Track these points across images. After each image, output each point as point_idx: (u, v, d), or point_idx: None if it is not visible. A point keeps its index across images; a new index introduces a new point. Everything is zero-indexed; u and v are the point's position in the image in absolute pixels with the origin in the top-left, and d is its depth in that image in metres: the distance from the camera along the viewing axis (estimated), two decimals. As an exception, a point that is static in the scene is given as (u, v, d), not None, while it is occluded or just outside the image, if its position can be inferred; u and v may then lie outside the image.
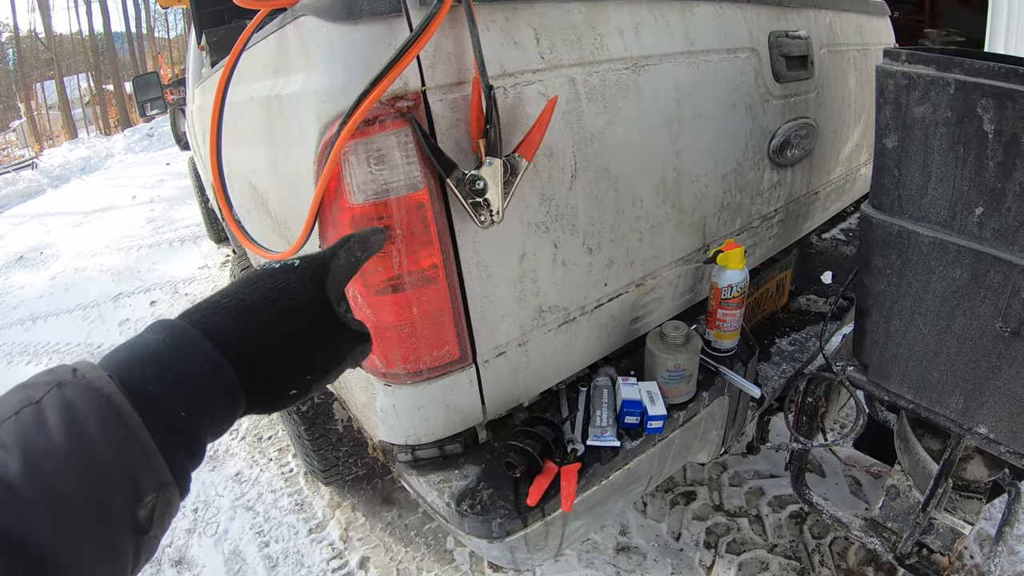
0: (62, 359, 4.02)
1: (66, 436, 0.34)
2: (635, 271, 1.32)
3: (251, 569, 2.22)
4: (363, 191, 0.92)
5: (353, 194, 0.92)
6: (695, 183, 1.36)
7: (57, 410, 0.34)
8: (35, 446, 0.33)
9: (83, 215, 7.85)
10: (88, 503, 0.33)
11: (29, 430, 0.33)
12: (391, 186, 0.92)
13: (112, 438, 0.35)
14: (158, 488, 0.37)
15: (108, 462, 0.34)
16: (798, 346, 1.73)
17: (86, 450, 0.34)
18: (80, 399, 0.35)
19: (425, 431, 1.12)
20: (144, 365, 0.39)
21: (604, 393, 1.27)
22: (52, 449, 0.33)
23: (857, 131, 2.00)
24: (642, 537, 2.08)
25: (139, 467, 0.36)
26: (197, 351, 0.41)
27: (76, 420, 0.34)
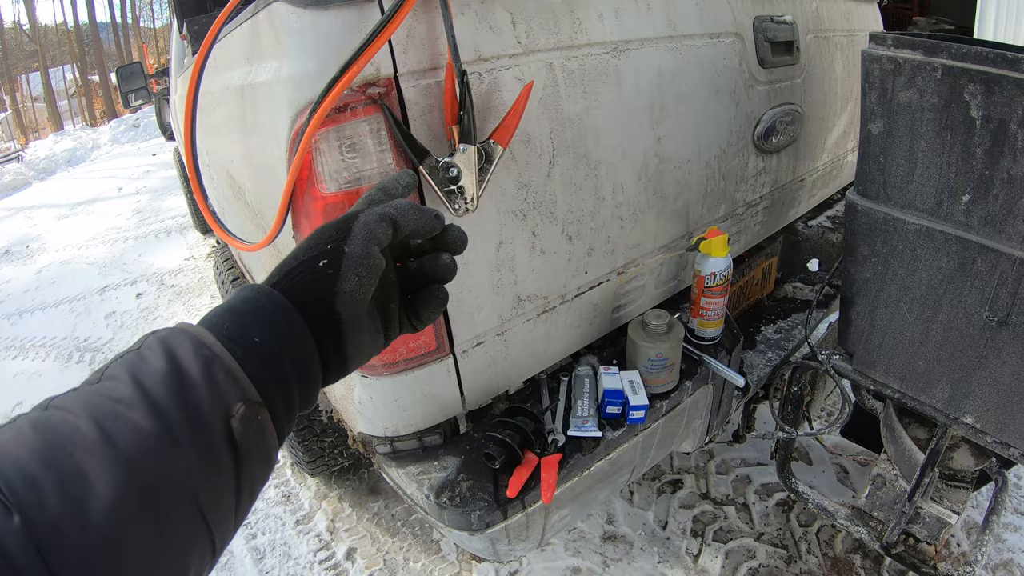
0: (48, 353, 3.99)
1: (164, 360, 0.40)
2: (616, 259, 1.30)
3: (238, 562, 2.21)
4: (335, 180, 0.90)
5: (325, 183, 0.90)
6: (678, 169, 1.35)
7: (156, 346, 0.41)
8: (139, 370, 0.39)
9: (69, 207, 7.77)
10: (184, 406, 0.39)
11: (133, 363, 0.40)
12: (364, 174, 0.90)
13: (200, 357, 0.41)
14: (244, 400, 0.42)
15: (197, 375, 0.40)
16: (784, 334, 1.72)
17: (179, 367, 0.40)
18: (172, 336, 0.42)
19: (403, 422, 1.11)
20: (223, 314, 0.46)
21: (585, 383, 1.26)
22: (153, 371, 0.39)
23: (844, 118, 1.99)
24: (629, 526, 2.08)
25: (224, 380, 0.41)
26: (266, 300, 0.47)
27: (170, 348, 0.41)
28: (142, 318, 4.22)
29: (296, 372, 0.46)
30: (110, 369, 0.40)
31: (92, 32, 26.74)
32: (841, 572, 1.87)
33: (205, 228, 5.31)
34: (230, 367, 0.42)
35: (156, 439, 0.36)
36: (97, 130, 14.11)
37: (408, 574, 2.03)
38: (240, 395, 0.41)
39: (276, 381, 0.45)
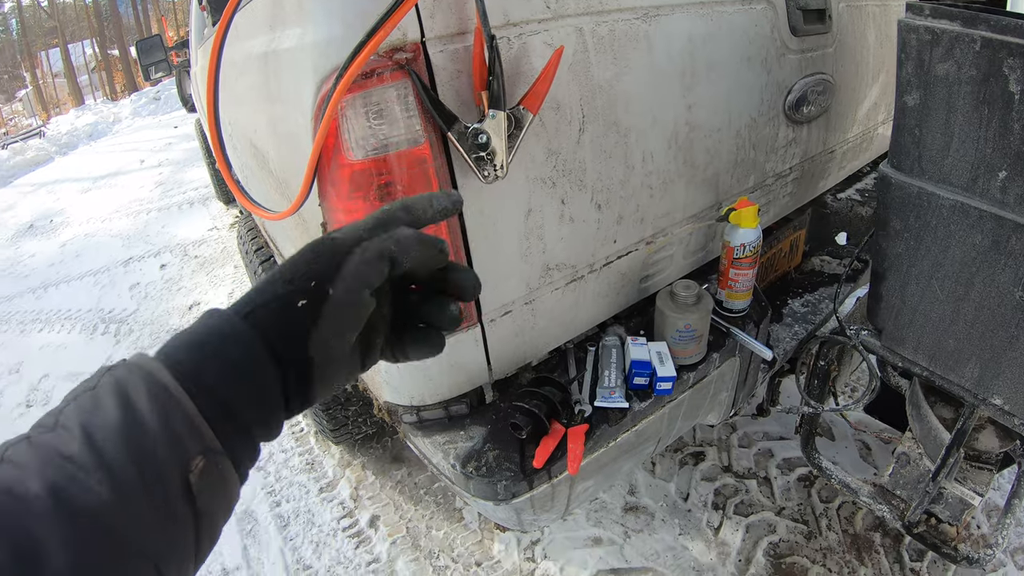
0: (74, 325, 4.07)
1: (118, 409, 0.37)
2: (645, 228, 1.29)
3: (263, 529, 2.25)
4: (362, 147, 0.89)
5: (352, 150, 0.89)
6: (708, 138, 1.32)
7: (109, 389, 0.38)
8: (92, 422, 0.36)
9: (92, 181, 7.84)
10: (139, 465, 0.36)
11: (86, 410, 0.37)
12: (391, 141, 0.89)
13: (157, 403, 0.38)
14: (204, 452, 0.39)
15: (155, 427, 0.37)
16: (811, 308, 1.70)
17: (135, 417, 0.37)
18: (128, 376, 0.39)
19: (430, 392, 1.11)
20: (183, 347, 0.42)
21: (613, 353, 1.25)
22: (106, 422, 0.36)
23: (875, 89, 1.93)
24: (650, 497, 2.09)
25: (183, 430, 0.38)
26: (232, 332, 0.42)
27: (125, 393, 0.38)
28: (166, 289, 4.27)
29: (258, 414, 0.43)
30: (64, 414, 0.37)
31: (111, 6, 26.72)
32: (861, 549, 1.87)
33: (228, 199, 5.33)
34: (189, 414, 0.39)
35: (111, 504, 0.35)
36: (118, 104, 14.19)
37: (430, 542, 2.06)
38: (200, 447, 0.39)
39: (237, 427, 0.42)
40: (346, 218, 0.94)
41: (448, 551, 2.02)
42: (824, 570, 1.82)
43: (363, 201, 0.92)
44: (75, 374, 3.50)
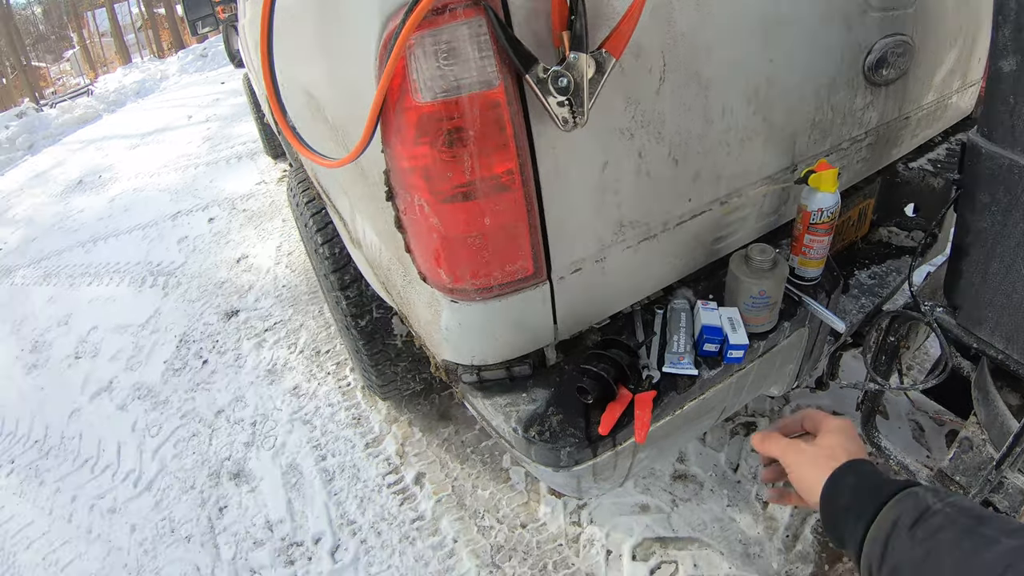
0: (123, 278, 4.15)
1: None
2: (721, 187, 1.21)
3: (307, 482, 2.28)
4: (431, 88, 0.83)
5: (420, 92, 0.83)
6: (787, 95, 1.23)
7: None
8: None
9: (140, 137, 7.93)
10: None
11: None
12: (462, 83, 0.83)
13: None
14: None
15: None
16: (878, 280, 1.61)
17: None
18: None
19: (492, 351, 1.07)
20: None
21: (682, 317, 1.19)
22: None
23: (952, 55, 1.80)
24: (700, 466, 2.05)
25: None
26: None
27: None
28: (214, 242, 4.31)
29: None
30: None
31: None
32: None
33: (276, 153, 5.32)
34: None
35: None
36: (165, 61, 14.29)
37: (476, 501, 2.06)
38: None
39: None
40: (411, 165, 0.90)
41: (493, 511, 2.02)
42: None
43: (430, 147, 0.86)
44: (123, 326, 3.58)
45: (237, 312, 3.42)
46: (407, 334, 1.90)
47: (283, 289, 3.51)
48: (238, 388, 2.84)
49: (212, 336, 3.27)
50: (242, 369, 2.96)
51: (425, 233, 0.95)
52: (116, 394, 3.07)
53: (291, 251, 3.89)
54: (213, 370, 3.01)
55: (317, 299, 3.32)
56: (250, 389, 2.82)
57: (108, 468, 2.65)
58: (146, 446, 2.68)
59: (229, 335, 3.24)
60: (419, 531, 2.01)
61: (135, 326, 3.55)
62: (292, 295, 3.44)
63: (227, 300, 3.55)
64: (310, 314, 3.23)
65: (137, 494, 2.46)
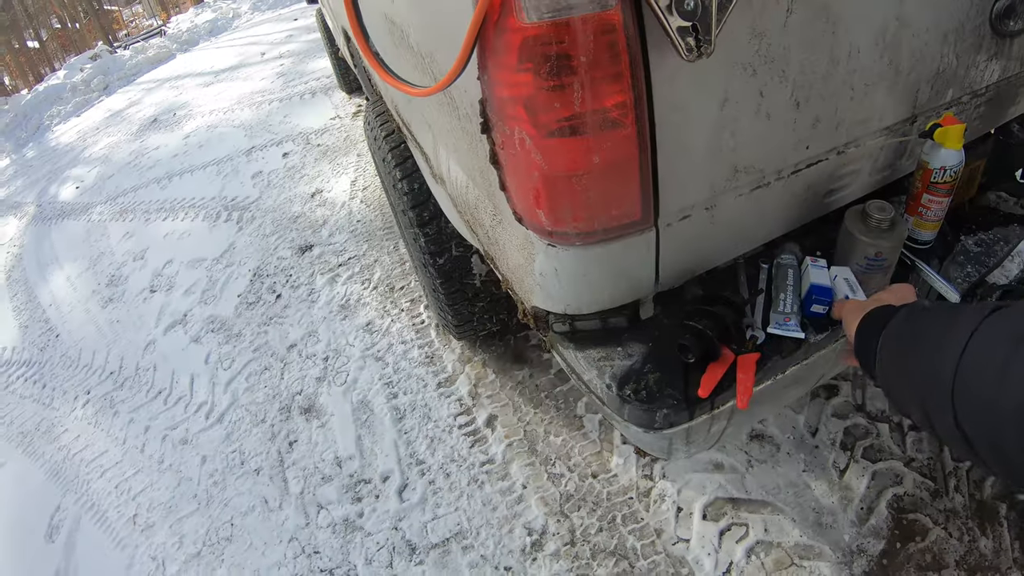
0: (197, 213, 4.25)
1: None
2: (839, 135, 1.10)
3: (378, 420, 2.30)
4: (537, 8, 0.74)
5: (525, 11, 0.75)
6: (916, 39, 1.10)
7: None
8: None
9: (213, 75, 8.01)
10: None
11: None
12: (573, 2, 0.74)
13: None
14: None
15: None
16: (984, 248, 1.46)
17: None
18: None
19: (588, 300, 1.01)
20: None
21: (789, 274, 1.10)
22: None
23: None
24: (778, 427, 1.96)
25: None
26: None
27: None
28: (288, 177, 4.33)
29: None
30: None
31: None
32: (985, 517, 1.68)
33: (351, 88, 5.26)
34: None
35: None
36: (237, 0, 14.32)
37: (547, 448, 2.04)
38: None
39: None
40: (511, 94, 0.82)
41: (565, 459, 1.99)
42: (944, 534, 1.65)
43: (533, 75, 0.78)
44: (198, 259, 3.67)
45: (311, 247, 3.44)
46: (486, 273, 1.85)
47: (357, 224, 3.50)
48: (311, 323, 2.88)
49: (286, 270, 3.31)
50: (315, 304, 2.99)
51: (524, 170, 0.88)
52: (190, 327, 3.16)
53: (366, 186, 3.87)
54: (286, 304, 3.06)
55: (392, 235, 3.30)
56: (323, 324, 2.84)
57: (181, 400, 2.75)
58: (218, 379, 2.76)
59: (303, 269, 3.27)
60: (488, 475, 2.01)
61: (210, 260, 3.62)
62: (367, 230, 3.42)
63: (301, 235, 3.58)
64: (385, 250, 3.21)
65: (208, 426, 2.54)
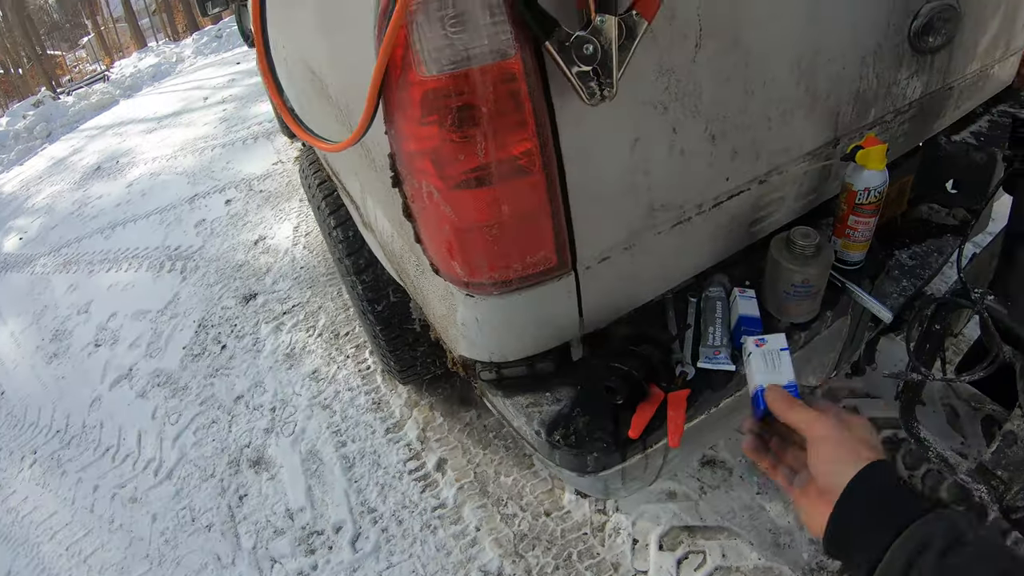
0: (141, 263, 4.15)
1: None
2: (760, 165, 1.12)
3: (327, 469, 2.25)
4: (436, 60, 0.73)
5: (424, 64, 0.74)
6: (832, 64, 1.13)
7: None
8: None
9: (157, 121, 7.92)
10: None
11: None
12: (473, 53, 0.73)
13: None
14: None
15: None
16: (919, 261, 1.50)
17: None
18: None
19: (513, 347, 1.00)
20: None
21: (718, 306, 1.10)
22: None
23: (996, 21, 1.67)
24: (729, 452, 1.97)
25: None
26: None
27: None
28: (231, 224, 4.28)
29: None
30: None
31: (169, -57, 26.67)
32: None
33: (292, 132, 5.26)
34: None
35: None
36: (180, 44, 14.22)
37: (499, 488, 2.00)
38: None
39: None
40: (417, 147, 0.81)
41: (517, 499, 1.96)
42: None
43: (437, 127, 0.77)
44: (142, 311, 3.58)
45: (255, 295, 3.38)
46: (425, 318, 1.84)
47: (301, 271, 3.47)
48: (257, 373, 2.82)
49: (230, 320, 3.24)
50: (261, 354, 2.93)
51: (436, 223, 0.87)
52: (136, 382, 3.07)
53: (309, 231, 3.84)
54: (232, 355, 2.99)
55: (335, 280, 3.27)
56: (269, 374, 2.79)
57: (129, 457, 2.66)
58: (166, 434, 2.68)
59: (247, 319, 3.21)
60: (441, 519, 1.97)
61: (154, 312, 3.55)
62: (310, 276, 3.39)
63: (245, 283, 3.52)
64: (329, 295, 3.18)
65: (158, 483, 2.46)
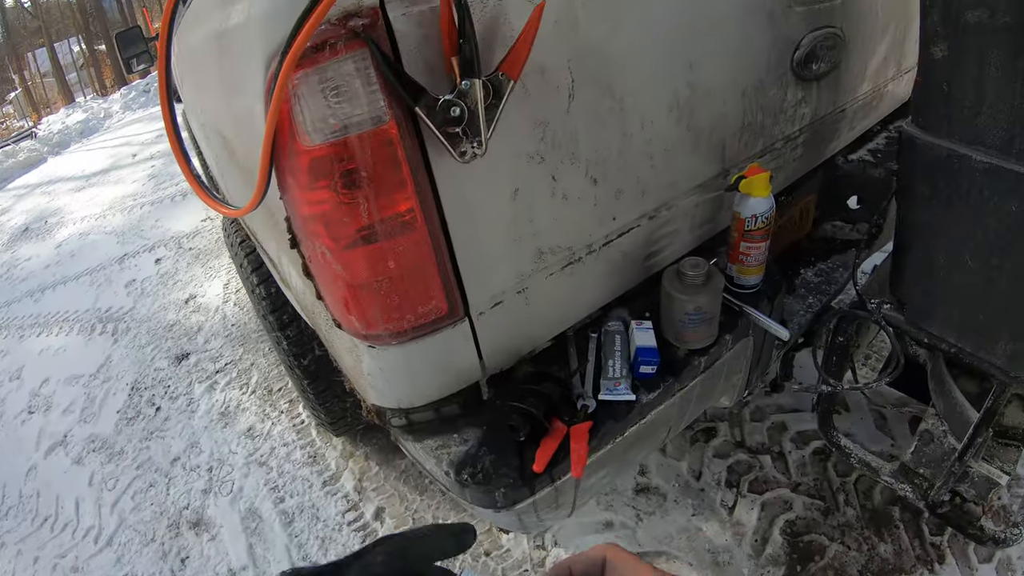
0: (72, 327, 4.04)
1: None
2: (647, 202, 1.18)
3: (267, 526, 2.23)
4: (319, 130, 0.78)
5: (308, 134, 0.79)
6: (712, 100, 1.21)
7: None
8: None
9: (85, 179, 7.78)
10: None
11: None
12: (352, 122, 0.78)
13: None
14: None
15: None
16: (824, 277, 1.60)
17: None
18: None
19: (418, 394, 1.03)
20: None
21: (616, 340, 1.16)
22: None
23: (885, 43, 1.82)
24: (662, 477, 2.02)
25: None
26: None
27: None
28: (162, 283, 4.22)
29: None
30: None
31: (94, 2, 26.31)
32: (880, 524, 1.79)
33: (220, 190, 5.26)
34: None
35: None
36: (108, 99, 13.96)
37: (438, 535, 2.00)
38: None
39: None
40: (309, 212, 0.85)
41: (456, 543, 1.97)
42: (843, 547, 1.75)
43: (328, 191, 0.82)
44: (75, 376, 3.49)
45: (188, 355, 3.33)
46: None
47: (232, 328, 3.45)
48: (192, 434, 2.77)
49: (164, 382, 3.18)
50: (195, 414, 2.88)
51: (331, 281, 0.90)
52: (71, 448, 2.99)
53: (239, 288, 3.82)
54: (166, 417, 2.93)
55: (266, 336, 3.25)
56: (204, 434, 2.75)
57: (68, 525, 2.57)
58: (104, 500, 2.61)
59: (181, 379, 3.15)
60: (383, 569, 1.95)
61: (87, 376, 3.46)
62: (241, 333, 3.38)
63: (177, 343, 3.47)
64: (260, 352, 3.17)
65: (98, 551, 2.39)
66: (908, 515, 1.80)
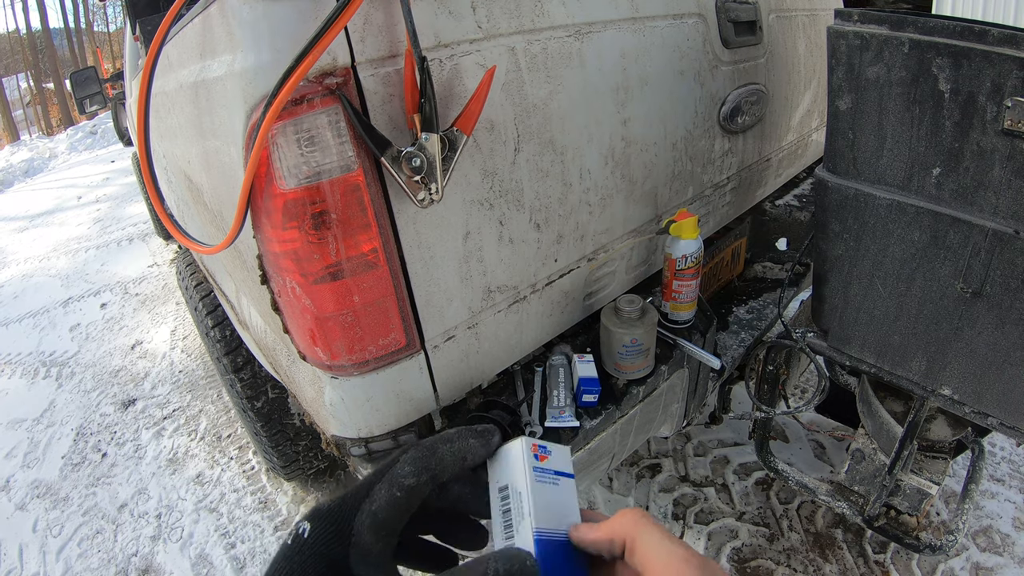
0: (14, 370, 3.90)
1: None
2: (586, 245, 1.29)
3: (219, 572, 2.18)
4: (294, 175, 0.87)
5: (284, 179, 0.87)
6: (645, 152, 1.34)
7: None
8: None
9: (29, 220, 7.57)
10: None
11: None
12: (323, 168, 0.87)
13: None
14: None
15: None
16: (756, 314, 1.72)
17: None
18: None
19: (377, 423, 1.09)
20: None
21: (560, 372, 1.24)
22: None
23: (808, 96, 2.00)
24: (609, 512, 2.07)
25: None
26: None
27: None
28: (107, 328, 4.14)
29: None
30: None
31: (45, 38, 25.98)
32: (824, 547, 1.89)
33: (167, 234, 5.21)
34: None
35: None
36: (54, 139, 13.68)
37: (392, 574, 2.01)
38: None
39: None
40: (281, 249, 0.92)
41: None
42: (789, 570, 1.84)
43: (298, 231, 0.90)
44: (17, 420, 3.37)
45: (134, 401, 3.27)
46: (304, 412, 1.88)
47: (180, 374, 3.42)
48: (140, 480, 2.70)
49: (110, 427, 3.11)
50: (143, 460, 2.82)
51: (299, 314, 0.97)
52: (14, 493, 2.86)
53: (186, 335, 3.80)
54: (113, 463, 2.86)
55: (215, 383, 3.25)
56: (152, 480, 2.68)
57: (12, 573, 2.46)
58: (49, 547, 2.50)
59: (127, 425, 3.09)
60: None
61: (30, 421, 3.35)
62: (189, 380, 3.35)
63: (123, 389, 3.40)
64: (209, 398, 3.15)
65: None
66: (851, 536, 1.90)
